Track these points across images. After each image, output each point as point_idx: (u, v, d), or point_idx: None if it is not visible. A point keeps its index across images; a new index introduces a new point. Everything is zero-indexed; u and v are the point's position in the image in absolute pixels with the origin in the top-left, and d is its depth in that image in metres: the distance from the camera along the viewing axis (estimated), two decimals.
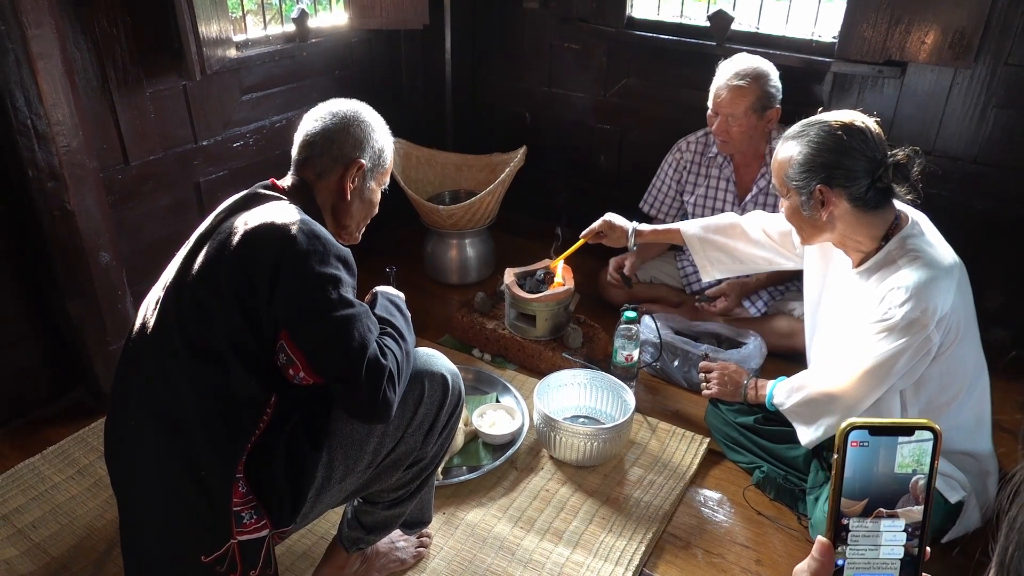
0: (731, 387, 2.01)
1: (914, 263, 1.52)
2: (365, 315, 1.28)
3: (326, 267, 1.24)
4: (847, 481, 0.70)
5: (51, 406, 2.22)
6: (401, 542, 1.73)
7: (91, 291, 2.07)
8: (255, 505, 1.29)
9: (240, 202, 1.39)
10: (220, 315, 1.24)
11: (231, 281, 1.24)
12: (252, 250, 1.25)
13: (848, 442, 0.70)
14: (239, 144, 2.58)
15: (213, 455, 1.25)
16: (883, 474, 0.71)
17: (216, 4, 2.19)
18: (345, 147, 1.44)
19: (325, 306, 1.22)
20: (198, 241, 1.35)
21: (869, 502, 0.71)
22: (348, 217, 1.49)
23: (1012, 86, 2.28)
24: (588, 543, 1.80)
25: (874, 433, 0.70)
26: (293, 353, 1.24)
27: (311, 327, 1.23)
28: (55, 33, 1.82)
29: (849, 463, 0.70)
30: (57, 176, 1.92)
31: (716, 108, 2.34)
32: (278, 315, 1.23)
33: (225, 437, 1.26)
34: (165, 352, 1.28)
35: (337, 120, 1.45)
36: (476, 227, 2.87)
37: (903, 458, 0.70)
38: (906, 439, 0.70)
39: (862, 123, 1.55)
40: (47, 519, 1.83)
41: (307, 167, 1.45)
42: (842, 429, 0.69)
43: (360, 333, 1.24)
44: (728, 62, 2.33)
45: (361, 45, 2.97)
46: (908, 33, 2.29)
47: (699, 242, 2.12)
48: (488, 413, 2.13)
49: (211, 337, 1.25)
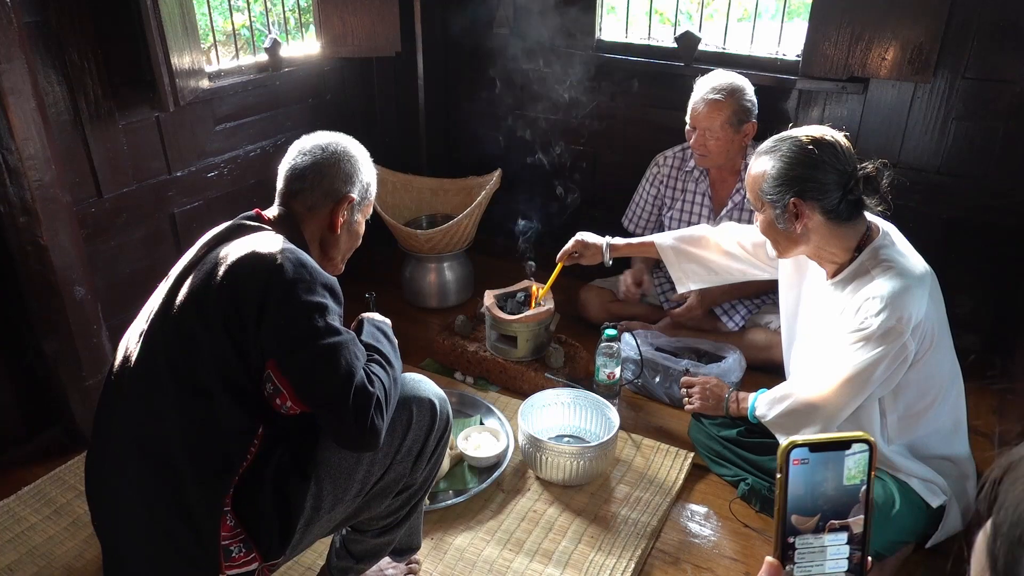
0: (713, 401, 2.03)
1: (887, 273, 1.55)
2: (352, 342, 1.27)
3: (312, 295, 1.24)
4: (800, 499, 0.72)
5: (25, 445, 2.17)
6: (390, 569, 1.71)
7: (65, 326, 2.04)
8: (244, 538, 1.27)
9: (224, 232, 1.38)
10: (208, 346, 1.23)
11: (218, 311, 1.23)
12: (239, 279, 1.24)
13: (790, 461, 0.71)
14: (214, 174, 2.57)
15: (200, 489, 1.24)
16: (832, 488, 0.72)
17: (188, 35, 2.19)
18: (336, 182, 1.44)
19: (311, 334, 1.22)
20: (183, 272, 1.34)
21: (821, 516, 0.73)
22: (335, 249, 1.49)
23: (970, 99, 2.36)
24: (577, 563, 1.79)
25: (814, 450, 0.72)
26: (280, 382, 1.23)
27: (297, 356, 1.22)
28: (26, 67, 1.80)
29: (794, 480, 0.72)
30: (29, 211, 1.89)
31: (694, 122, 2.39)
32: (265, 344, 1.23)
33: (212, 471, 1.24)
34: (150, 385, 1.27)
35: (328, 155, 1.44)
36: (454, 250, 2.88)
37: (850, 470, 0.72)
38: (849, 452, 0.72)
39: (832, 137, 1.59)
40: (24, 561, 1.78)
41: (297, 199, 1.44)
42: (783, 448, 0.71)
43: (347, 360, 1.23)
44: (705, 78, 2.39)
45: (334, 73, 2.99)
46: (868, 50, 2.36)
47: (673, 253, 2.15)
48: (473, 436, 2.12)
49: (198, 368, 1.24)
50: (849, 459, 0.72)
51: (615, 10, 3.00)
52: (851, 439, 0.72)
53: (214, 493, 1.24)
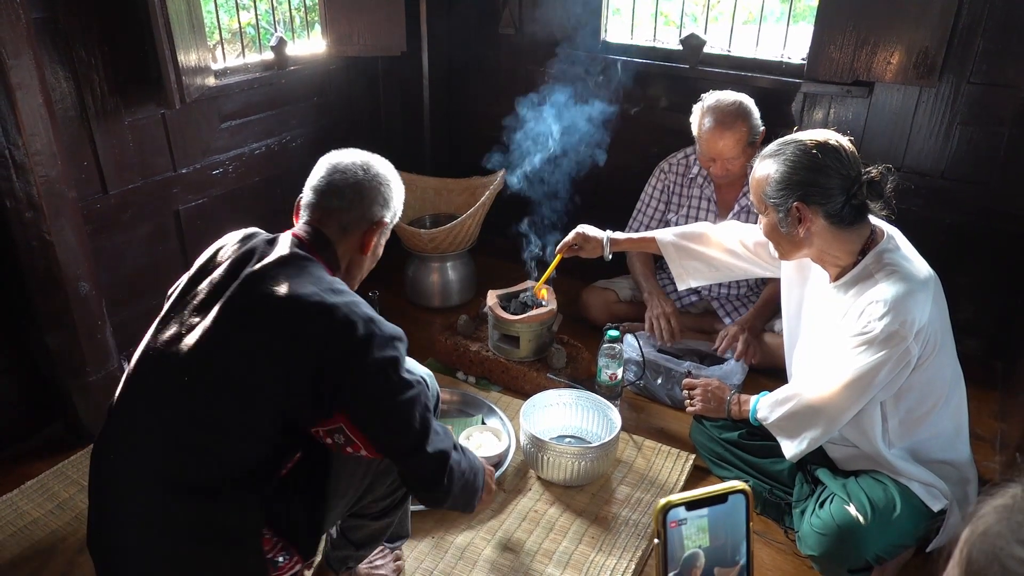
0: (715, 403, 2.03)
1: (891, 277, 1.55)
2: (423, 393, 1.30)
3: (385, 351, 1.24)
4: (680, 559, 0.73)
5: (29, 440, 2.18)
6: (379, 560, 1.73)
7: (69, 322, 2.05)
8: (283, 545, 1.30)
9: (260, 251, 1.32)
10: (259, 388, 1.21)
11: (278, 358, 1.20)
12: (306, 332, 1.21)
13: (667, 524, 0.72)
14: (218, 172, 2.57)
15: (239, 513, 1.24)
16: (716, 540, 0.73)
17: (194, 32, 2.20)
18: (374, 206, 1.42)
19: (386, 392, 1.24)
20: (215, 290, 1.28)
21: (705, 568, 0.74)
22: (359, 271, 1.49)
23: (975, 103, 2.36)
24: (578, 563, 1.80)
25: (690, 508, 0.72)
26: (353, 434, 1.25)
27: (372, 413, 1.24)
28: (33, 63, 1.81)
29: (673, 542, 0.72)
30: (35, 206, 1.90)
31: (711, 153, 2.36)
32: (336, 400, 1.22)
33: (255, 501, 1.25)
34: (182, 421, 1.23)
35: (370, 177, 1.42)
36: (457, 250, 2.88)
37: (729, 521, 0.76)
38: (725, 505, 0.73)
39: (836, 142, 1.59)
40: (27, 556, 1.79)
41: (332, 217, 1.39)
42: (658, 509, 0.71)
43: (420, 413, 1.28)
44: (706, 109, 2.35)
45: (339, 72, 3.00)
46: (874, 54, 2.36)
47: (675, 249, 2.14)
48: (475, 436, 2.13)
49: (246, 407, 1.22)
50: (728, 510, 0.73)
51: (620, 12, 3.00)
52: (727, 492, 0.73)
53: (253, 513, 1.25)
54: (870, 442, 1.68)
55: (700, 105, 2.39)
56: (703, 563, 0.73)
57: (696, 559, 0.73)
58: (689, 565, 0.73)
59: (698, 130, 2.39)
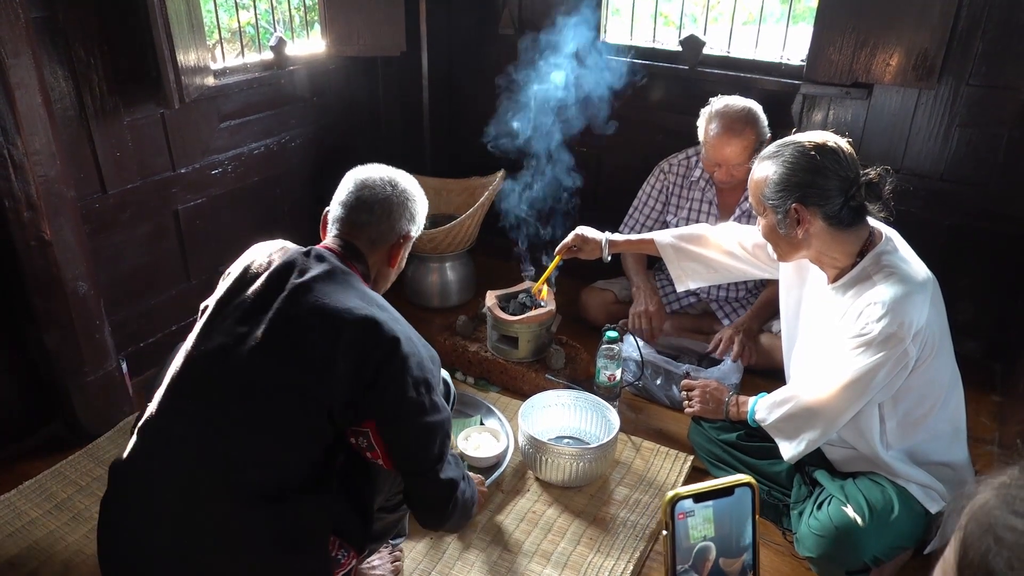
0: (713, 405, 2.03)
1: (889, 279, 1.55)
2: (447, 422, 1.38)
3: (422, 371, 1.33)
4: (689, 549, 0.74)
5: (26, 440, 2.18)
6: (376, 560, 1.74)
7: (68, 321, 2.05)
8: (340, 543, 1.34)
9: (301, 265, 1.36)
10: (311, 393, 1.26)
11: (328, 365, 1.26)
12: (354, 342, 1.27)
13: (675, 515, 0.73)
14: (218, 171, 2.57)
15: (311, 520, 1.28)
16: (723, 531, 0.74)
17: (194, 32, 2.20)
18: (402, 220, 1.50)
19: (416, 409, 1.30)
20: (260, 301, 1.32)
21: (714, 561, 0.75)
22: (386, 281, 1.56)
23: (974, 105, 2.36)
24: (576, 564, 1.80)
25: (698, 500, 0.73)
26: (375, 441, 1.31)
27: (398, 426, 1.31)
28: (32, 62, 1.81)
29: (681, 533, 0.73)
30: (34, 206, 1.90)
31: (718, 160, 2.35)
32: (369, 405, 1.29)
33: (319, 503, 1.30)
34: (243, 429, 1.26)
35: (398, 193, 1.50)
36: (456, 250, 2.88)
37: (736, 513, 0.76)
38: (732, 497, 0.74)
39: (835, 143, 1.59)
40: (25, 556, 1.79)
41: (362, 232, 1.46)
42: (666, 502, 0.72)
43: (441, 441, 1.35)
44: (714, 114, 2.33)
45: (339, 72, 3.00)
46: (873, 56, 2.36)
47: (673, 251, 2.14)
48: (473, 436, 2.13)
49: (301, 412, 1.27)
50: (738, 504, 0.74)
51: (620, 12, 3.00)
52: (733, 485, 0.73)
53: (321, 515, 1.29)
54: (868, 444, 1.69)
55: (708, 109, 2.38)
56: (714, 556, 0.74)
57: (707, 552, 0.74)
58: (701, 559, 0.74)
59: (705, 135, 2.37)
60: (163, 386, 1.33)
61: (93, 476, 2.04)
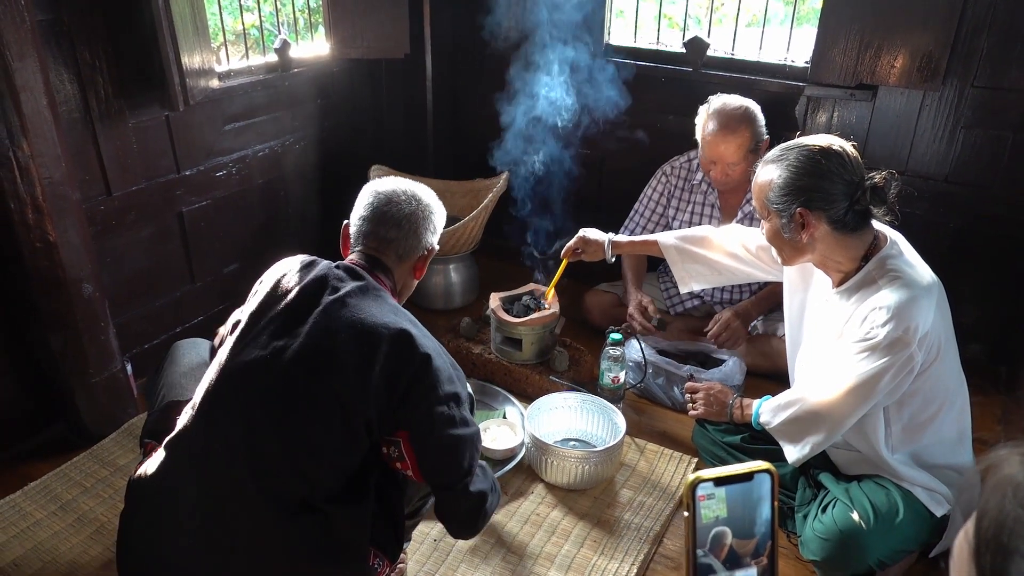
0: (717, 407, 2.02)
1: (894, 283, 1.55)
2: (476, 436, 1.39)
3: (452, 386, 1.36)
4: (709, 532, 0.74)
5: (30, 441, 2.18)
6: None
7: (73, 323, 2.05)
8: (375, 553, 1.36)
9: (333, 281, 1.38)
10: (350, 406, 1.28)
11: (365, 377, 1.28)
12: (390, 356, 1.30)
13: (696, 497, 0.73)
14: (222, 174, 2.58)
15: (353, 530, 1.30)
16: (741, 518, 0.74)
17: (199, 34, 2.20)
18: (427, 234, 1.53)
19: (446, 422, 1.32)
20: (295, 316, 1.34)
21: (730, 547, 0.76)
22: (408, 292, 1.59)
23: (979, 107, 2.36)
24: (580, 566, 1.80)
25: (719, 484, 0.73)
26: (406, 452, 1.33)
27: (429, 438, 1.32)
28: (38, 65, 1.81)
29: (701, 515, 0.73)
30: (39, 208, 1.91)
31: (712, 157, 2.35)
32: (401, 417, 1.31)
33: (360, 513, 1.32)
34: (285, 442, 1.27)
35: (421, 207, 1.52)
36: (460, 252, 2.88)
37: (755, 499, 0.75)
38: (752, 483, 0.74)
39: (839, 147, 1.58)
40: (29, 557, 1.79)
41: (390, 247, 1.49)
42: (688, 484, 0.72)
43: (470, 454, 1.37)
44: (712, 112, 2.34)
45: (343, 74, 3.00)
46: (878, 58, 2.36)
47: (677, 253, 2.14)
48: (492, 428, 2.14)
49: (341, 424, 1.29)
50: (754, 489, 0.74)
51: (624, 14, 3.00)
52: (753, 471, 0.74)
53: (361, 525, 1.31)
54: (873, 447, 1.68)
55: (705, 107, 2.38)
56: (729, 540, 0.75)
57: (724, 536, 0.74)
58: (718, 544, 0.75)
59: (701, 132, 2.38)
60: (196, 400, 1.33)
61: (98, 478, 2.04)
